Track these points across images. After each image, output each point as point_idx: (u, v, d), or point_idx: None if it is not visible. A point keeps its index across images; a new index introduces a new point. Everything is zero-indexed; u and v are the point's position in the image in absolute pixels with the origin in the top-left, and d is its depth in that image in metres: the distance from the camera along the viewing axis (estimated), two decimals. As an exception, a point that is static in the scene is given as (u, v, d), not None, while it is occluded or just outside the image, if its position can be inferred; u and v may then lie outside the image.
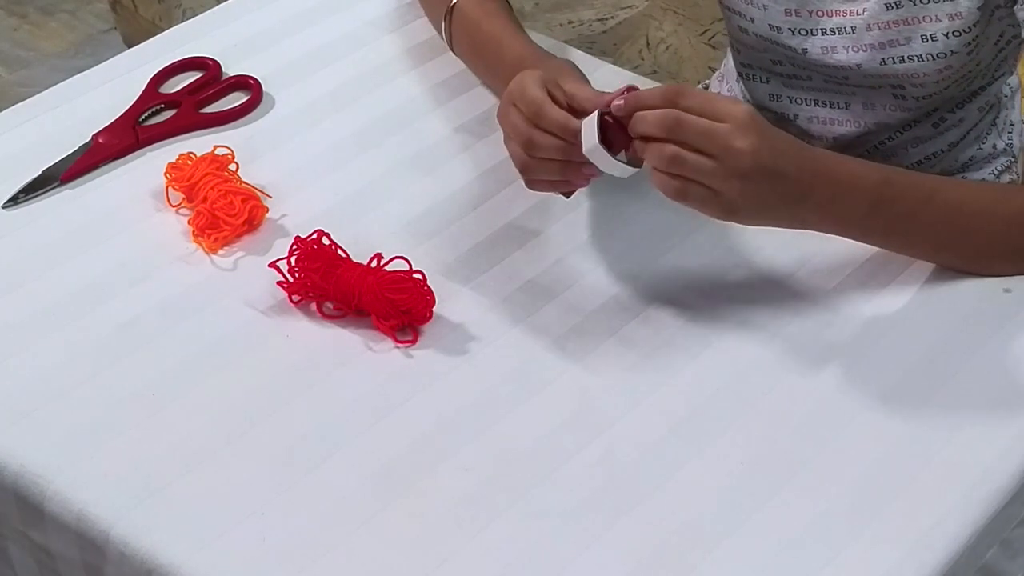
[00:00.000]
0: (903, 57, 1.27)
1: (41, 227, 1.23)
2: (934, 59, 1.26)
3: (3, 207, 1.25)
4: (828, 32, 1.30)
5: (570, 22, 2.36)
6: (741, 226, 1.15)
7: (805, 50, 1.32)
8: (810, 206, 1.12)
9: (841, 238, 1.16)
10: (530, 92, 1.13)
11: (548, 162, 1.13)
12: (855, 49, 1.29)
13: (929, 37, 1.25)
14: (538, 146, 1.12)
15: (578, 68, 1.23)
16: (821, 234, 1.14)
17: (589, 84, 1.19)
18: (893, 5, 1.25)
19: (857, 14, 1.28)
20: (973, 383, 1.09)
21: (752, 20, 1.34)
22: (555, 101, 1.13)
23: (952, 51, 1.26)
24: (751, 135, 1.06)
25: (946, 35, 1.25)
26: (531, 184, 1.16)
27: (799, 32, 1.31)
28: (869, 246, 1.18)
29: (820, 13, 1.30)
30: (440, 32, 1.40)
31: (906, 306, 1.16)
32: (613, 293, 1.17)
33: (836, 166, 1.13)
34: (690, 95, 1.07)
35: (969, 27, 1.24)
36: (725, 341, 1.13)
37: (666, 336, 1.13)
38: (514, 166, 1.15)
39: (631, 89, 1.10)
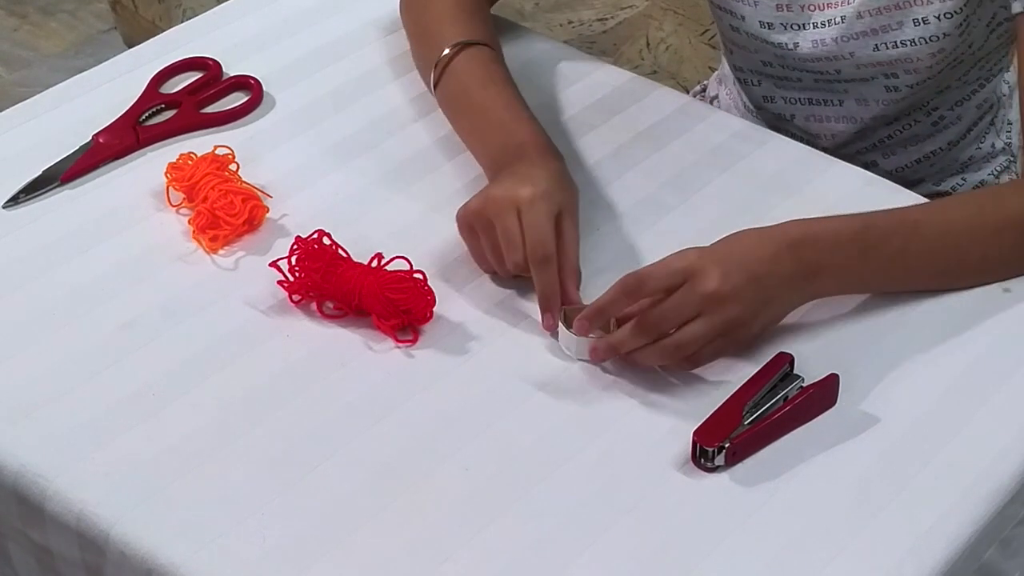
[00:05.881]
0: (896, 42, 1.27)
1: (41, 227, 1.23)
2: (927, 42, 1.26)
3: (3, 207, 1.25)
4: (819, 25, 1.30)
5: (570, 22, 2.36)
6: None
7: (796, 45, 1.32)
8: (803, 280, 1.10)
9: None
10: (543, 232, 1.11)
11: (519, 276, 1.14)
12: (846, 39, 1.29)
13: (921, 20, 1.26)
14: (523, 273, 1.13)
15: (576, 191, 1.18)
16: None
17: (576, 221, 1.16)
18: None
19: (848, 3, 1.28)
20: (973, 383, 1.09)
21: (743, 18, 1.34)
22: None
23: (945, 33, 1.26)
24: (712, 270, 1.05)
25: (938, 17, 1.25)
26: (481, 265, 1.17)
27: (790, 27, 1.32)
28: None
29: (811, 7, 1.30)
30: (428, 83, 1.33)
31: (905, 306, 1.15)
32: (613, 293, 1.17)
33: (810, 229, 1.10)
34: (646, 280, 1.07)
35: (960, 8, 1.24)
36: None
37: (666, 336, 1.13)
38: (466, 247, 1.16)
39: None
